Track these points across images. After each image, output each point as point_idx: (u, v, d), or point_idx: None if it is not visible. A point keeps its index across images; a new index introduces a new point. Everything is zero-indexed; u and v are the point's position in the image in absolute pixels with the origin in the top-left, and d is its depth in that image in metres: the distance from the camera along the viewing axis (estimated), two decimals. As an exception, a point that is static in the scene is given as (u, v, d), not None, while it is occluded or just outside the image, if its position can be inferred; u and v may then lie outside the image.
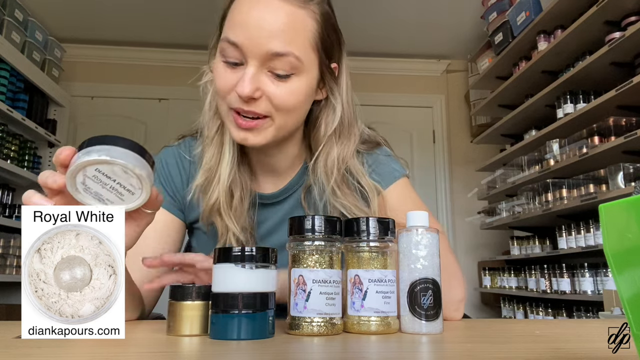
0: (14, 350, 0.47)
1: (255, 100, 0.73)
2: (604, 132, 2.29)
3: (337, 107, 0.84)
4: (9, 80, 2.83)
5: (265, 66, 0.73)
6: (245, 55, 0.72)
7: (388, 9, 3.23)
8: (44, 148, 3.31)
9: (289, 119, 0.77)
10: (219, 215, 0.81)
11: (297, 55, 0.73)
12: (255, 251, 0.54)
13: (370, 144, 0.91)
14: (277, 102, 0.74)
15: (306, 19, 0.74)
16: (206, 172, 0.82)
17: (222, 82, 0.75)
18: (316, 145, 0.85)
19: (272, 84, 0.73)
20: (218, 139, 0.84)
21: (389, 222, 0.61)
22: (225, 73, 0.74)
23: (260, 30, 0.71)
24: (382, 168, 0.89)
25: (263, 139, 0.76)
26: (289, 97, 0.74)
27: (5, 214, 2.93)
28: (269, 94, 0.73)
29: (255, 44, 0.71)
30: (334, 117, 0.84)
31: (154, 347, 0.50)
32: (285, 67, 0.73)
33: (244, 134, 0.75)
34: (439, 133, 3.94)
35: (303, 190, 0.87)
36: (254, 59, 0.72)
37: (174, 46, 3.72)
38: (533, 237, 2.96)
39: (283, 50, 0.71)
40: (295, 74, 0.74)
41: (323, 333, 0.55)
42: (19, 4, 2.93)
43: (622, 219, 0.33)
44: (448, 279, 0.73)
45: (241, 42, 0.71)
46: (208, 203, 0.81)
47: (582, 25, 2.31)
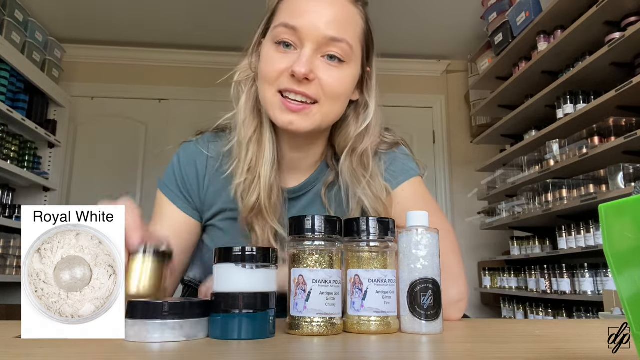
0: (14, 350, 0.47)
1: (308, 82, 0.75)
2: (604, 133, 2.29)
3: (370, 106, 0.87)
4: (9, 80, 2.83)
5: (319, 51, 0.76)
6: (303, 38, 0.75)
7: (388, 9, 3.23)
8: (44, 148, 3.31)
9: (334, 107, 0.80)
10: (257, 215, 0.81)
11: (350, 43, 0.77)
12: (255, 251, 0.54)
13: (388, 144, 0.93)
14: (328, 87, 0.77)
15: (357, 15, 0.81)
16: (246, 172, 0.82)
17: (274, 65, 0.77)
18: (344, 142, 0.87)
19: (325, 69, 0.76)
20: (257, 137, 0.83)
21: (389, 222, 0.61)
22: (277, 57, 0.77)
23: (320, 17, 0.76)
24: (398, 165, 0.90)
25: (310, 124, 0.78)
26: (338, 83, 0.78)
27: (5, 214, 2.93)
28: (321, 79, 0.76)
29: (314, 29, 0.75)
30: (365, 116, 0.87)
31: (154, 347, 0.50)
32: (339, 53, 0.77)
33: (290, 117, 0.77)
34: (439, 133, 3.94)
35: (324, 186, 0.88)
36: (311, 43, 0.75)
37: (174, 46, 3.72)
38: (533, 238, 2.96)
39: (339, 36, 0.76)
40: (346, 62, 0.78)
41: (323, 333, 0.55)
42: (19, 4, 2.94)
43: (622, 219, 0.33)
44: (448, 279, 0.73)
45: (301, 26, 0.75)
46: (249, 202, 0.81)
47: (582, 25, 2.31)
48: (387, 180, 0.87)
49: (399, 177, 0.88)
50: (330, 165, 0.90)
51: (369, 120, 0.86)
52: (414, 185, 0.89)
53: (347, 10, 0.79)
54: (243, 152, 0.83)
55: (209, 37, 3.53)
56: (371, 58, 0.88)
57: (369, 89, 0.88)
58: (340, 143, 0.88)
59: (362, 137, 0.86)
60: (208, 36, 3.53)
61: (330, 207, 0.87)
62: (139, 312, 0.51)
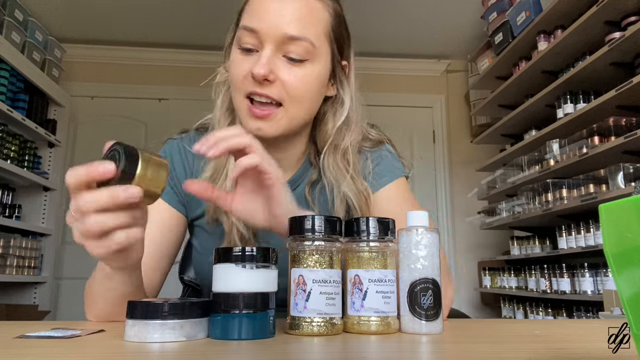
0: (14, 350, 0.47)
1: (269, 83, 0.74)
2: (604, 132, 2.29)
3: (345, 101, 0.86)
4: (9, 80, 2.83)
5: (280, 51, 0.75)
6: (262, 40, 0.74)
7: (388, 9, 3.23)
8: (44, 148, 3.31)
9: (301, 108, 0.79)
10: (225, 212, 0.80)
11: (312, 41, 0.75)
12: (255, 251, 0.54)
13: (373, 142, 0.92)
14: (290, 88, 0.75)
15: (322, 10, 0.79)
16: (213, 167, 0.82)
17: (238, 68, 0.77)
18: (323, 139, 0.86)
19: (286, 69, 0.75)
20: None
21: (389, 222, 0.61)
22: (241, 60, 0.77)
23: (278, 17, 0.74)
24: (384, 165, 0.90)
25: (276, 129, 0.77)
26: (301, 83, 0.76)
27: (5, 214, 2.93)
28: (283, 79, 0.75)
29: (272, 28, 0.74)
30: (342, 111, 0.86)
31: (154, 347, 0.50)
32: (300, 52, 0.75)
33: (257, 124, 0.76)
34: (439, 133, 3.94)
35: (307, 185, 0.87)
36: (270, 43, 0.74)
37: (174, 46, 3.72)
38: (533, 237, 2.96)
39: (299, 34, 0.74)
40: (309, 60, 0.76)
41: (323, 333, 0.55)
42: (19, 4, 2.93)
43: (622, 219, 0.33)
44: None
45: (259, 27, 0.74)
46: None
47: (582, 25, 2.31)
48: (374, 179, 0.87)
49: (385, 177, 0.88)
50: (314, 162, 0.89)
51: (343, 116, 0.85)
52: (398, 186, 0.89)
53: (309, 6, 0.77)
54: None
55: (209, 37, 3.52)
56: (347, 52, 0.86)
57: (342, 84, 0.86)
58: (320, 139, 0.87)
59: (341, 133, 0.86)
60: (208, 36, 3.52)
61: (314, 205, 0.86)
62: (139, 312, 0.51)
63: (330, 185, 0.85)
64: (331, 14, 0.80)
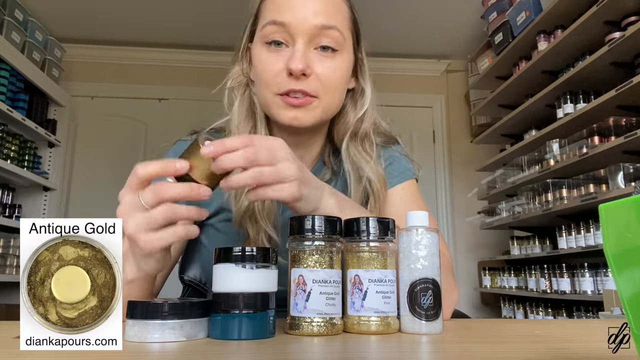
0: (14, 350, 0.47)
1: (305, 78, 0.74)
2: (604, 132, 2.29)
3: (366, 91, 0.87)
4: (9, 80, 2.83)
5: (312, 43, 0.75)
6: (293, 34, 0.75)
7: (388, 9, 3.22)
8: (44, 148, 3.31)
9: (334, 99, 0.79)
10: (250, 218, 0.79)
11: (340, 30, 0.77)
12: (255, 251, 0.54)
13: (387, 137, 0.93)
14: (325, 80, 0.76)
15: (343, 3, 0.81)
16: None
17: (269, 66, 0.76)
18: (343, 130, 0.86)
19: (319, 61, 0.76)
20: None
21: (389, 222, 0.61)
22: (270, 58, 0.76)
23: (306, 9, 0.75)
24: (396, 166, 0.90)
25: (312, 118, 0.77)
26: (334, 74, 0.77)
27: (5, 214, 2.93)
28: (318, 72, 0.75)
29: (303, 21, 0.74)
30: (363, 102, 0.87)
31: (154, 348, 0.50)
32: (332, 42, 0.76)
33: (294, 113, 0.76)
34: (439, 133, 3.94)
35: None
36: (302, 37, 0.74)
37: (174, 46, 3.72)
38: (533, 237, 2.96)
39: (329, 23, 0.75)
40: (339, 50, 0.77)
41: (323, 333, 0.55)
42: (19, 4, 2.93)
43: (622, 219, 0.33)
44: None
45: (289, 21, 0.74)
46: (242, 205, 0.79)
47: (582, 25, 2.31)
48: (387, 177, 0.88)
49: (396, 178, 0.89)
50: (327, 163, 0.89)
51: (367, 106, 0.87)
52: (408, 187, 0.89)
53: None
54: None
55: (209, 37, 3.53)
56: (361, 44, 0.88)
57: (363, 75, 0.88)
58: (339, 131, 0.87)
59: (360, 122, 0.87)
60: (208, 36, 3.53)
61: None
62: (139, 312, 0.51)
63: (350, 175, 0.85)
64: (349, 7, 0.82)
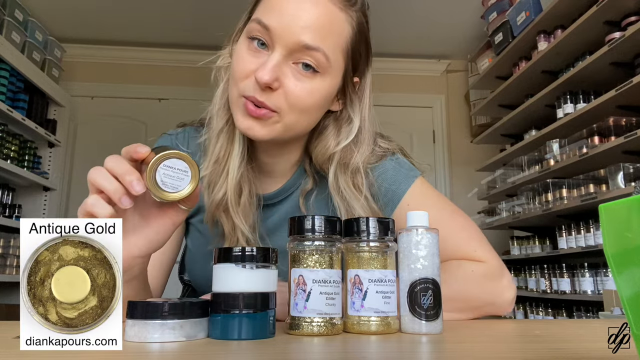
0: (14, 350, 0.47)
1: (271, 91, 0.69)
2: (604, 132, 2.29)
3: (354, 121, 0.79)
4: (9, 80, 2.83)
5: (291, 58, 0.69)
6: (274, 41, 0.69)
7: (388, 9, 3.22)
8: (44, 148, 3.31)
9: (300, 120, 0.73)
10: (224, 213, 0.77)
11: (327, 54, 0.70)
12: (255, 251, 0.54)
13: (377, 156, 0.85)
14: (293, 99, 0.70)
15: (343, 22, 0.72)
16: (214, 164, 0.77)
17: (242, 65, 0.71)
18: (322, 153, 0.80)
19: (293, 78, 0.69)
20: (228, 130, 0.78)
21: (389, 222, 0.61)
22: (247, 56, 0.71)
23: (296, 20, 0.68)
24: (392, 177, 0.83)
25: (268, 133, 0.71)
26: (306, 95, 0.70)
27: (5, 214, 2.93)
28: (287, 89, 0.69)
29: (287, 32, 0.68)
30: (348, 130, 0.79)
31: (154, 348, 0.50)
32: (312, 63, 0.69)
33: (250, 123, 0.71)
34: (439, 133, 3.94)
35: (301, 195, 0.84)
36: (281, 47, 0.68)
37: (174, 46, 3.72)
38: (533, 237, 2.96)
39: (314, 44, 0.68)
40: (320, 73, 0.71)
41: (323, 333, 0.55)
42: (19, 4, 2.94)
43: (622, 219, 0.33)
44: (492, 275, 0.78)
45: (274, 27, 0.68)
46: (215, 198, 0.76)
47: (582, 25, 2.31)
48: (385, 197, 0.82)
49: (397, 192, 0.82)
50: (308, 171, 0.84)
51: (351, 136, 0.79)
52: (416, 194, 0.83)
53: (331, 16, 0.70)
54: (212, 143, 0.78)
55: (209, 37, 3.52)
56: (362, 69, 0.80)
57: (352, 103, 0.80)
58: (317, 154, 0.80)
59: (351, 152, 0.79)
60: (208, 36, 3.52)
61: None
62: (139, 312, 0.51)
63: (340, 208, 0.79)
64: (353, 28, 0.74)
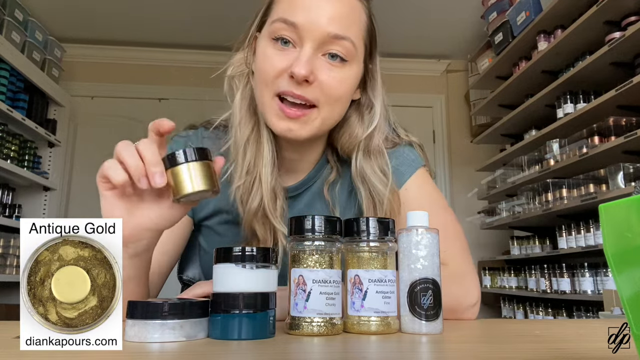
0: (14, 350, 0.47)
1: (307, 84, 0.70)
2: (604, 132, 2.29)
3: (376, 107, 0.82)
4: (9, 80, 2.83)
5: (320, 50, 0.71)
6: (303, 36, 0.70)
7: (388, 9, 3.22)
8: (44, 148, 3.31)
9: (334, 111, 0.75)
10: (263, 219, 0.77)
11: (354, 41, 0.73)
12: (255, 251, 0.54)
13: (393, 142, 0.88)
14: (328, 90, 0.72)
15: (361, 10, 0.76)
16: (245, 175, 0.77)
17: (271, 64, 0.72)
18: (349, 143, 0.82)
19: (326, 69, 0.72)
20: (255, 138, 0.79)
21: (389, 222, 0.61)
22: (275, 56, 0.72)
23: (322, 12, 0.70)
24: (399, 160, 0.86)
25: (309, 131, 0.74)
26: (340, 84, 0.73)
27: (5, 214, 2.93)
28: (322, 80, 0.71)
29: (315, 25, 0.70)
30: (371, 117, 0.82)
31: (154, 348, 0.50)
32: (342, 52, 0.72)
33: (287, 124, 0.72)
34: (439, 133, 3.94)
35: (326, 184, 0.84)
36: (311, 41, 0.70)
37: (174, 46, 3.72)
38: (533, 237, 2.96)
39: (343, 33, 0.71)
40: (349, 61, 0.73)
41: (323, 333, 0.55)
42: (19, 4, 2.93)
43: (622, 219, 0.33)
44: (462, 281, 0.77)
45: (301, 23, 0.70)
46: (251, 207, 0.76)
47: (582, 25, 2.31)
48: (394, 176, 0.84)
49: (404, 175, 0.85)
50: (331, 161, 0.86)
51: (376, 122, 0.82)
52: (417, 182, 0.85)
53: (350, 5, 0.74)
54: (240, 154, 0.78)
55: (209, 37, 3.53)
56: (374, 55, 0.84)
57: (373, 88, 0.83)
58: (344, 144, 0.83)
59: (370, 138, 0.82)
60: (208, 36, 3.53)
61: (334, 205, 0.83)
62: (139, 312, 0.51)
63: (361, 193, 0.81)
64: (367, 16, 0.78)
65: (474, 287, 0.79)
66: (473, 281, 0.80)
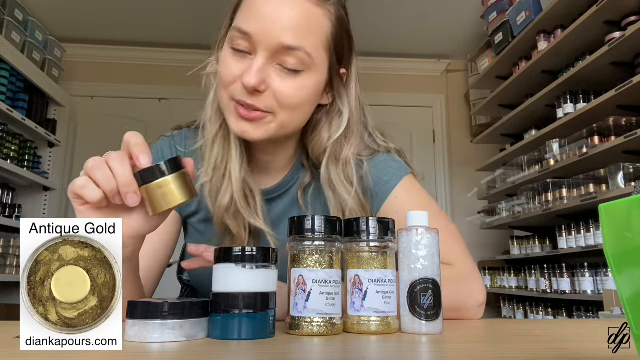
0: (14, 350, 0.47)
1: (259, 94, 0.71)
2: (604, 132, 2.29)
3: (344, 113, 0.81)
4: (9, 80, 2.83)
5: (274, 59, 0.71)
6: (256, 45, 0.70)
7: (387, 9, 3.22)
8: (44, 148, 3.31)
9: (293, 117, 0.75)
10: (235, 214, 0.78)
11: (308, 51, 0.71)
12: (255, 251, 0.54)
13: (372, 150, 0.88)
14: (282, 98, 0.72)
15: (321, 18, 0.74)
16: (213, 170, 0.79)
17: (228, 71, 0.73)
18: (318, 147, 0.82)
19: (278, 78, 0.71)
20: (223, 134, 0.80)
21: (388, 222, 0.61)
22: (232, 62, 0.73)
23: (275, 23, 0.70)
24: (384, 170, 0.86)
25: (263, 133, 0.74)
26: (294, 93, 0.72)
27: (5, 214, 2.93)
28: (274, 89, 0.71)
29: (267, 35, 0.70)
30: (339, 122, 0.81)
31: (154, 348, 0.50)
32: (295, 63, 0.71)
33: (243, 126, 0.73)
34: (439, 133, 3.94)
35: (300, 189, 0.85)
36: (264, 51, 0.70)
37: (174, 46, 3.72)
38: (533, 237, 2.96)
39: (295, 44, 0.70)
40: (305, 70, 0.72)
41: (323, 333, 0.55)
42: (19, 4, 2.93)
43: (622, 219, 0.33)
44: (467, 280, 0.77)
45: (253, 32, 0.70)
46: (222, 203, 0.77)
47: (582, 25, 2.31)
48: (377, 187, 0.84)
49: (388, 184, 0.84)
50: (306, 165, 0.86)
51: (342, 128, 0.81)
52: (405, 188, 0.85)
53: (308, 13, 0.72)
54: (208, 150, 0.80)
55: (209, 37, 3.52)
56: (347, 60, 0.81)
57: (340, 94, 0.82)
58: (313, 148, 0.83)
59: (340, 145, 0.81)
60: (208, 36, 3.52)
61: (307, 210, 0.84)
62: (139, 312, 0.51)
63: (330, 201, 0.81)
64: (332, 21, 0.75)
65: (481, 286, 0.79)
66: (479, 281, 0.80)
